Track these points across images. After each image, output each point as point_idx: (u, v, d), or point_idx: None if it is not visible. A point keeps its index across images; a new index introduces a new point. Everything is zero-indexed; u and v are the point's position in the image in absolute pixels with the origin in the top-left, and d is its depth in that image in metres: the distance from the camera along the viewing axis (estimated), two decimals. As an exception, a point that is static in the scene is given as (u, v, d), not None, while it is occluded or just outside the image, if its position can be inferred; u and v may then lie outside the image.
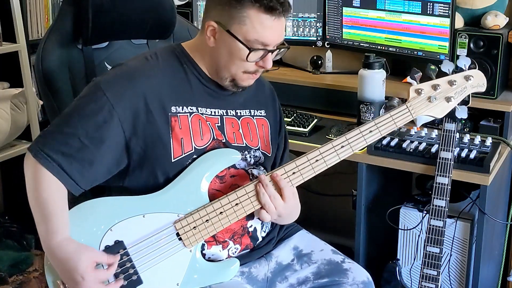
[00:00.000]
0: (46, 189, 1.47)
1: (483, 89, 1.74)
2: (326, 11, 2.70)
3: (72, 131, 1.48)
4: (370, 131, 1.62)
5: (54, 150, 1.47)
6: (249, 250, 1.70)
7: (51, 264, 1.50)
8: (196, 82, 1.61)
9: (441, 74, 1.72)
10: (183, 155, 1.57)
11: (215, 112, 1.64)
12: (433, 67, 1.74)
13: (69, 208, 1.51)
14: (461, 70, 1.73)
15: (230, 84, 1.60)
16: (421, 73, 1.70)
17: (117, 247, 1.51)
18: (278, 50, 1.57)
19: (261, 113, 1.74)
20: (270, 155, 1.74)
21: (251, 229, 1.68)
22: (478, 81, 1.72)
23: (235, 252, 1.66)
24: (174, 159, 1.56)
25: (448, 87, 1.68)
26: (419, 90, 1.66)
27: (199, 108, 1.61)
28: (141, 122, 1.53)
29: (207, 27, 1.55)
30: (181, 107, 1.58)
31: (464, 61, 1.74)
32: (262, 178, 1.55)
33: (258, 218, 1.62)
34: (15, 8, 2.69)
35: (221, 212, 1.55)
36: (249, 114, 1.71)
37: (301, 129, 2.34)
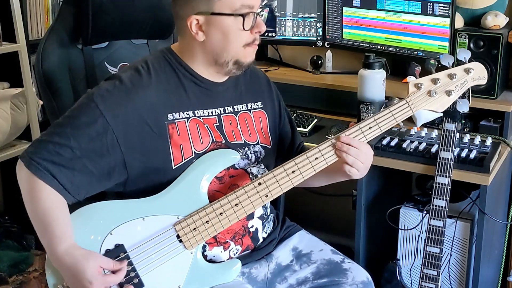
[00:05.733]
0: (43, 199, 1.46)
1: (484, 81, 1.70)
2: (326, 11, 2.70)
3: (64, 142, 1.47)
4: (370, 127, 1.60)
5: (44, 159, 1.45)
6: (250, 250, 1.70)
7: (55, 269, 1.49)
8: (191, 84, 1.60)
9: (441, 68, 1.69)
10: (184, 161, 1.57)
11: (212, 112, 1.63)
12: (432, 61, 1.72)
13: (70, 212, 1.50)
14: (462, 63, 1.69)
15: (234, 66, 1.59)
16: (420, 67, 1.68)
17: (117, 251, 1.50)
18: (261, 10, 1.57)
19: (258, 105, 1.74)
20: (270, 147, 1.74)
21: (252, 229, 1.68)
22: (478, 73, 1.68)
23: (236, 253, 1.66)
24: (174, 166, 1.56)
25: (448, 80, 1.65)
26: (419, 85, 1.63)
27: (195, 112, 1.60)
28: (137, 134, 1.52)
29: (190, 24, 1.53)
30: (177, 113, 1.57)
31: (464, 54, 1.70)
32: (339, 145, 1.56)
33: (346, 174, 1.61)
34: (15, 8, 2.69)
35: (221, 213, 1.54)
36: (246, 108, 1.71)
37: (301, 129, 2.33)
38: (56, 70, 1.85)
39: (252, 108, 1.72)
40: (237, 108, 1.69)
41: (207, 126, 1.61)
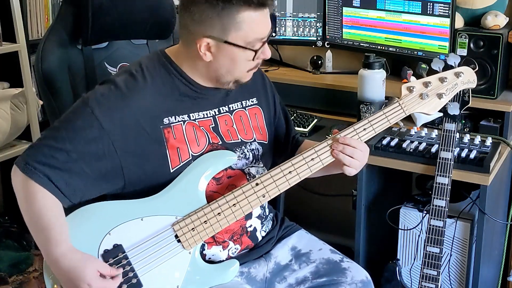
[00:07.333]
0: (37, 201, 1.45)
1: (473, 85, 1.75)
2: (326, 11, 2.70)
3: (60, 146, 1.47)
4: (364, 129, 1.62)
5: (40, 163, 1.45)
6: (248, 249, 1.70)
7: (54, 273, 1.49)
8: (185, 89, 1.59)
9: (431, 72, 1.73)
10: (181, 164, 1.57)
11: (207, 114, 1.63)
12: (423, 65, 1.75)
13: (67, 214, 1.50)
14: (451, 67, 1.74)
15: (233, 85, 1.60)
16: (411, 71, 1.71)
17: (116, 251, 1.50)
18: (272, 31, 1.56)
19: (252, 101, 1.74)
20: (267, 142, 1.74)
21: (250, 229, 1.68)
22: (468, 77, 1.73)
23: (235, 252, 1.66)
24: (172, 169, 1.56)
25: (439, 84, 1.69)
26: (411, 88, 1.67)
27: (191, 115, 1.60)
28: (134, 139, 1.51)
29: (199, 45, 1.51)
30: (173, 117, 1.57)
31: (453, 59, 1.75)
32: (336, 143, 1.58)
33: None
34: (15, 8, 2.69)
35: (219, 213, 1.54)
36: (241, 106, 1.71)
37: (301, 129, 2.34)
38: (56, 70, 1.85)
39: (247, 105, 1.72)
40: (232, 107, 1.68)
41: (202, 128, 1.61)
